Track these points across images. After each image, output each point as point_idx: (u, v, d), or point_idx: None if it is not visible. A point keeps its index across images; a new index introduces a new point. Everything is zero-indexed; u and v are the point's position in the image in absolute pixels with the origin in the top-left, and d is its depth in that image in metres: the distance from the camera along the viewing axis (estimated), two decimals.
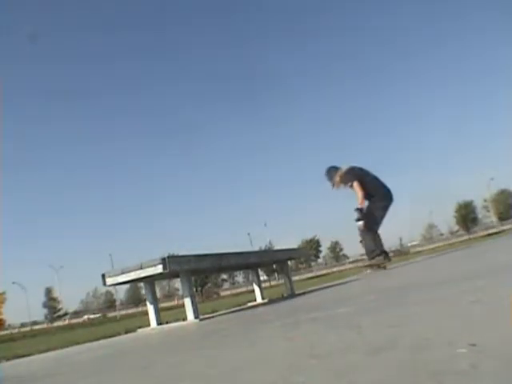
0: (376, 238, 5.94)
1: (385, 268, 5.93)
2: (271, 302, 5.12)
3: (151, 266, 3.73)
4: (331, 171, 6.26)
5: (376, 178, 6.15)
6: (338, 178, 6.15)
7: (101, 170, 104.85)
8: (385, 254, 6.00)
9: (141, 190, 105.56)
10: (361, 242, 6.03)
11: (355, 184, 5.87)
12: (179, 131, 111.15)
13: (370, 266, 6.03)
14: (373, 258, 5.94)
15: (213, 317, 4.32)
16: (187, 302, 4.01)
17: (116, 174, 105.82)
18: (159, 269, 3.63)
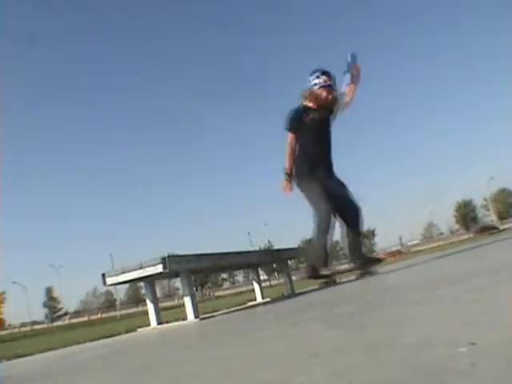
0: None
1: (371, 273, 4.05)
2: (271, 301, 5.13)
3: (151, 266, 3.73)
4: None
5: None
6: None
7: (100, 170, 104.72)
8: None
9: (140, 189, 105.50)
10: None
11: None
12: (179, 130, 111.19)
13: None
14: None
15: (213, 316, 4.32)
16: (187, 301, 4.01)
17: (115, 173, 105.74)
18: (159, 268, 3.64)
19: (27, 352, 4.18)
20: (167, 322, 4.53)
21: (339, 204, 3.85)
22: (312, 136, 3.89)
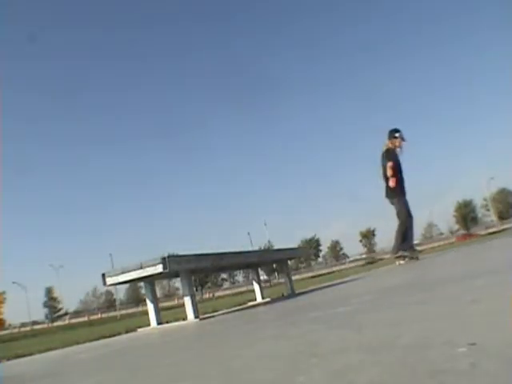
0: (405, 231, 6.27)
1: (417, 259, 6.22)
2: (271, 301, 5.13)
3: (151, 266, 3.73)
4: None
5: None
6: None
7: (101, 170, 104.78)
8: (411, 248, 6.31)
9: (141, 189, 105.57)
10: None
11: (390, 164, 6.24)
12: (179, 131, 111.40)
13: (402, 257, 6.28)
14: (404, 250, 6.24)
15: (213, 316, 4.32)
16: (187, 301, 4.01)
17: (116, 173, 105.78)
18: (159, 268, 3.64)
19: (27, 352, 4.18)
20: (167, 322, 4.52)
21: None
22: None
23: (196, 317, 3.96)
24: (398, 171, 6.23)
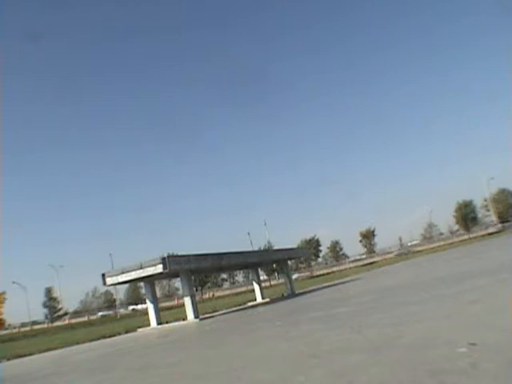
0: None
1: None
2: (271, 301, 5.13)
3: (151, 266, 3.74)
4: None
5: None
6: None
7: (101, 171, 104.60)
8: None
9: (141, 189, 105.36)
10: None
11: None
12: (180, 132, 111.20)
13: None
14: None
15: (213, 316, 4.32)
16: (187, 301, 4.01)
17: (116, 174, 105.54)
18: (159, 268, 3.64)
19: (28, 352, 4.18)
20: (167, 322, 4.52)
21: None
22: None
23: (196, 317, 3.97)
24: None
